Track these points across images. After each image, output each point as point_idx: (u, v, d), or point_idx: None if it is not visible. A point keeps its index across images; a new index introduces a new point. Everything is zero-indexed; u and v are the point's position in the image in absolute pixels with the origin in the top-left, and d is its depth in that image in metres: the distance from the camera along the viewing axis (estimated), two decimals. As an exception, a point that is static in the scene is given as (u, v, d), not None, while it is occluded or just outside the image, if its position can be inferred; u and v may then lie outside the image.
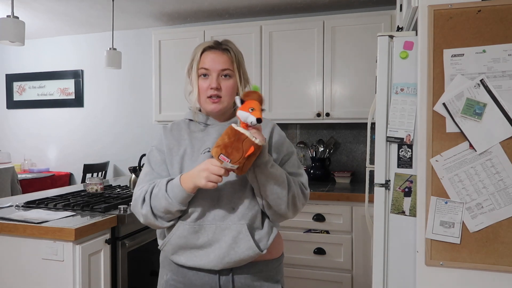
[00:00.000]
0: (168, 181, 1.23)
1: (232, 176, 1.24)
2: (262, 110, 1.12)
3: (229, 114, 1.37)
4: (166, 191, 1.21)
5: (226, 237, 1.23)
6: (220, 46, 1.32)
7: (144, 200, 1.24)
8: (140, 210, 1.25)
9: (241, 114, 1.11)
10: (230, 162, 1.10)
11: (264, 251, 1.25)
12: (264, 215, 1.30)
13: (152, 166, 1.32)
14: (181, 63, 3.45)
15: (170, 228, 1.29)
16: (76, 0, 3.25)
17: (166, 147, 1.32)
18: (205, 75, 1.30)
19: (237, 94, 1.31)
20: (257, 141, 1.09)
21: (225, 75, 1.29)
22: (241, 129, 1.10)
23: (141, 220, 1.28)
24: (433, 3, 1.49)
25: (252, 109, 1.10)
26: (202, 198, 1.24)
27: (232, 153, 1.09)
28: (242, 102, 1.13)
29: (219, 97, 1.29)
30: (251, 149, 1.08)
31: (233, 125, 1.13)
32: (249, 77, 1.38)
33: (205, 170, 1.14)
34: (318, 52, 3.08)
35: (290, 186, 1.24)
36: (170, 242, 1.28)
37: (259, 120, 1.09)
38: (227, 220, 1.24)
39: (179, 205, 1.21)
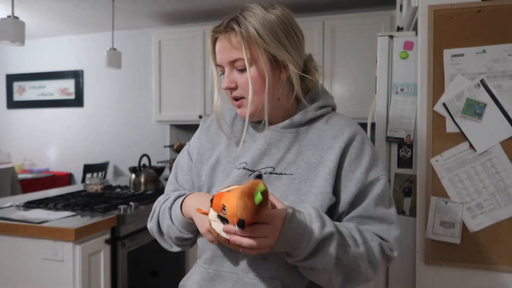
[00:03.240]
0: (177, 197, 0.94)
1: None
2: (257, 207, 0.67)
3: (286, 111, 0.93)
4: (170, 209, 0.93)
5: None
6: (226, 26, 0.89)
7: (153, 213, 1.00)
8: (148, 224, 1.01)
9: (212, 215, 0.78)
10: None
11: None
12: None
13: (176, 173, 1.03)
14: (181, 63, 3.45)
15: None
16: (76, 0, 3.25)
17: (196, 151, 0.99)
18: (223, 73, 0.92)
19: (289, 81, 0.91)
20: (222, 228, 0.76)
21: (239, 68, 0.88)
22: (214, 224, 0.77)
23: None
24: (433, 3, 1.50)
25: (224, 210, 0.71)
26: None
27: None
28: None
29: (241, 97, 0.90)
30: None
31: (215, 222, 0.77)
32: (289, 57, 0.89)
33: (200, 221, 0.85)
34: (318, 52, 3.08)
35: (351, 265, 0.82)
36: (186, 287, 0.97)
37: (241, 223, 0.69)
38: (254, 273, 0.85)
39: (180, 231, 0.91)
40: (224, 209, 0.70)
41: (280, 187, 0.87)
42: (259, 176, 0.77)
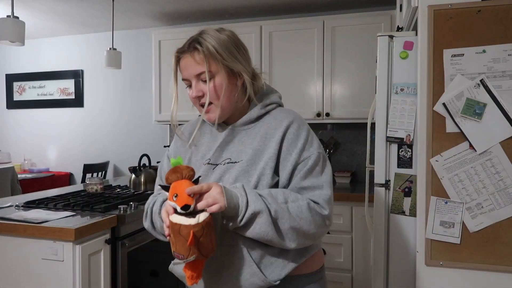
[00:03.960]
0: (163, 202, 1.11)
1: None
2: (193, 182, 0.96)
3: (240, 112, 1.15)
4: (159, 213, 1.08)
5: (225, 262, 1.05)
6: (189, 47, 1.08)
7: (146, 213, 1.16)
8: (144, 223, 1.18)
9: (171, 205, 0.96)
10: (183, 258, 0.93)
11: (277, 282, 1.03)
12: None
13: (161, 176, 1.23)
14: (181, 63, 3.45)
15: None
16: (76, 0, 3.25)
17: (173, 155, 1.20)
18: (189, 85, 1.12)
19: (245, 87, 1.12)
20: (192, 221, 0.91)
21: (204, 80, 1.08)
22: (174, 218, 0.94)
23: None
24: (433, 3, 1.50)
25: (176, 196, 0.93)
26: None
27: (180, 248, 0.93)
28: (167, 188, 0.97)
29: (209, 103, 1.09)
30: (191, 235, 0.90)
31: (172, 216, 0.96)
32: (242, 67, 1.10)
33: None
34: (318, 52, 3.08)
35: (282, 223, 0.99)
36: (174, 270, 1.15)
37: (185, 207, 0.92)
38: (224, 242, 1.04)
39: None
40: (175, 196, 0.94)
41: (233, 172, 1.06)
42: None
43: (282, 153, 1.07)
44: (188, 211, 0.92)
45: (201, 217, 0.92)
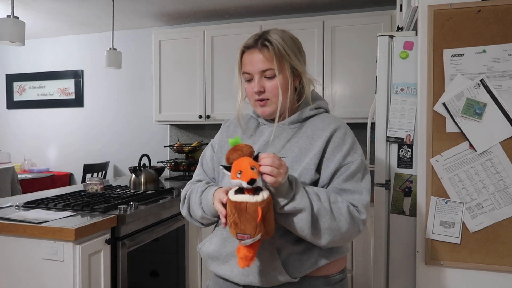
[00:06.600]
0: (204, 190, 1.16)
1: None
2: (254, 162, 0.95)
3: (289, 111, 1.19)
4: (200, 203, 1.15)
5: None
6: (257, 43, 1.14)
7: (184, 201, 1.22)
8: (181, 210, 1.24)
9: (234, 183, 0.96)
10: (250, 238, 0.93)
11: (296, 279, 1.08)
12: None
13: (202, 163, 1.30)
14: (181, 63, 3.45)
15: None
16: (76, 0, 3.25)
17: (217, 144, 1.27)
18: (249, 79, 1.16)
19: (295, 89, 1.19)
20: (258, 198, 0.92)
21: (268, 76, 1.13)
22: (237, 198, 0.94)
23: None
24: (433, 3, 1.50)
25: (240, 173, 0.93)
26: None
27: (246, 228, 0.93)
28: (229, 168, 0.97)
29: (266, 99, 1.15)
30: (259, 211, 0.91)
31: (230, 194, 0.97)
32: (303, 69, 1.18)
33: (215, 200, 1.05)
34: (318, 52, 3.08)
35: (322, 222, 1.03)
36: (202, 250, 1.22)
37: (251, 182, 0.92)
38: None
39: (213, 218, 1.15)
40: (239, 173, 0.93)
41: None
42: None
43: (327, 153, 1.11)
44: (254, 185, 0.92)
45: (265, 194, 0.94)
